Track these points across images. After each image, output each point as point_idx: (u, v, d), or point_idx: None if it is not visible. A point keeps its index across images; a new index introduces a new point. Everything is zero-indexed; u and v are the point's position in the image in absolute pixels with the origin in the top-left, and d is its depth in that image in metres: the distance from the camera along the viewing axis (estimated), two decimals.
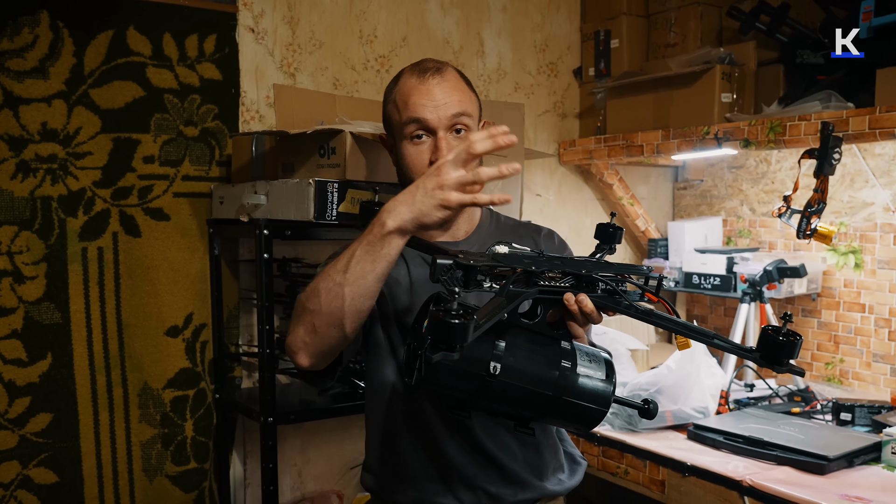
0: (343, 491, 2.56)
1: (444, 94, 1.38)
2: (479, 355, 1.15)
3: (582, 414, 1.23)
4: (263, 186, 2.07)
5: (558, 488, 1.51)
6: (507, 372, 1.16)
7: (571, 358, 1.22)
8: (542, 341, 1.22)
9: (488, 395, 1.18)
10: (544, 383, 1.19)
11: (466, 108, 1.40)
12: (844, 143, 2.15)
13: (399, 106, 1.41)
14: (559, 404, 1.20)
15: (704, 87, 2.56)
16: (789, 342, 1.11)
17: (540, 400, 1.20)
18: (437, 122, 1.38)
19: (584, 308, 1.20)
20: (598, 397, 1.22)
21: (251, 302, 2.43)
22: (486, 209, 1.57)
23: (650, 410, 1.25)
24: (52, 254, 2.14)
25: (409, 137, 1.40)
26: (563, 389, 1.20)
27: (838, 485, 1.88)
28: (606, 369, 1.24)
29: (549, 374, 1.19)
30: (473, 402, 1.21)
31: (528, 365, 1.19)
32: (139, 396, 2.25)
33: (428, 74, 1.40)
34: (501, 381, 1.16)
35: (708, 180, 3.24)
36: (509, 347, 1.17)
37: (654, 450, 2.18)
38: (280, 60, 2.48)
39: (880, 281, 2.64)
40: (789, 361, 1.13)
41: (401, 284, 1.46)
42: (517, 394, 1.19)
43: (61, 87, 2.13)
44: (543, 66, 3.03)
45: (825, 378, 2.81)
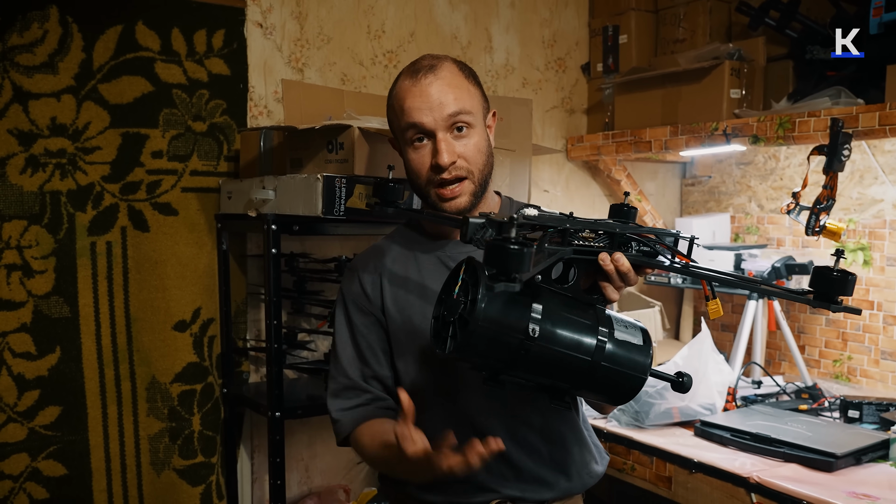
0: (350, 486, 2.57)
1: (439, 93, 1.34)
2: (516, 319, 1.09)
3: (620, 382, 1.17)
4: (271, 181, 2.08)
5: (575, 489, 1.48)
6: (544, 336, 1.10)
7: (608, 323, 1.16)
8: (578, 305, 1.17)
9: (525, 362, 1.12)
10: (583, 348, 1.13)
11: (464, 106, 1.35)
12: (854, 139, 2.14)
13: (397, 111, 1.38)
14: (597, 371, 1.15)
15: (713, 83, 2.55)
16: (843, 278, 1.07)
17: (578, 366, 1.14)
18: (433, 125, 1.34)
19: (620, 267, 1.15)
20: (636, 365, 1.17)
21: (259, 297, 2.44)
22: (507, 198, 1.55)
23: (684, 383, 1.20)
24: (60, 248, 2.15)
25: (410, 142, 1.37)
26: (601, 355, 1.14)
27: (846, 482, 1.87)
28: (643, 336, 1.19)
29: (587, 338, 1.14)
30: (509, 371, 1.15)
31: (566, 329, 1.13)
32: (147, 390, 2.26)
33: (420, 75, 1.36)
34: (539, 345, 1.10)
35: (716, 177, 3.23)
36: (546, 311, 1.11)
37: (661, 446, 2.18)
38: (288, 56, 2.48)
39: (889, 278, 2.63)
40: (843, 299, 1.09)
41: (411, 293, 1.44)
42: (555, 360, 1.13)
43: (70, 82, 2.13)
44: (551, 61, 3.03)
45: (833, 375, 2.80)
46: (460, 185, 1.36)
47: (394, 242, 1.51)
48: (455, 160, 1.35)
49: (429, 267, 1.44)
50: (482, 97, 1.42)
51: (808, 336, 2.87)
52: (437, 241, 1.47)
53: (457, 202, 1.37)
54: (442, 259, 1.45)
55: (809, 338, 2.87)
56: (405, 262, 1.47)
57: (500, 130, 2.26)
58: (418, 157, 1.37)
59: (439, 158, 1.33)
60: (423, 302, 1.42)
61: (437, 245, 1.47)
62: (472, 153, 1.37)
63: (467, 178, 1.37)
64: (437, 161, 1.34)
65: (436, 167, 1.34)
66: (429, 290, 1.42)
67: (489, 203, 1.49)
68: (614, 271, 1.16)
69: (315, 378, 2.42)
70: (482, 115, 1.41)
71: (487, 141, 1.41)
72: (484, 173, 1.39)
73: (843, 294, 1.07)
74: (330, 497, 2.42)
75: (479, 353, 1.12)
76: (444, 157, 1.33)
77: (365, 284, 1.46)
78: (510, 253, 0.98)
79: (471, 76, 1.41)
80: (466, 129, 1.36)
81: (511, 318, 1.09)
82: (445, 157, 1.33)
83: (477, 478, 1.40)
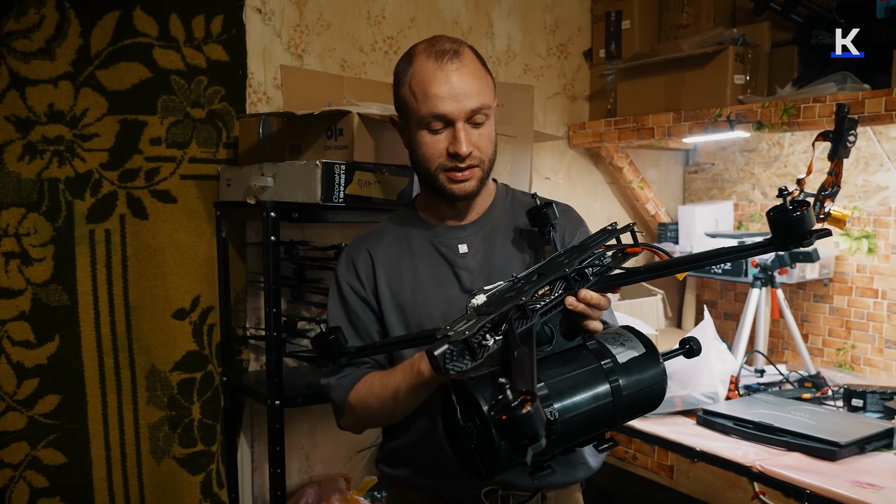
0: (350, 474, 2.56)
1: (464, 84, 1.35)
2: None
3: (648, 397, 1.18)
4: (270, 168, 2.06)
5: (569, 479, 1.49)
6: (563, 411, 1.09)
7: (606, 354, 1.16)
8: (572, 358, 1.16)
9: (558, 441, 1.10)
10: (601, 396, 1.13)
11: (485, 101, 1.38)
12: (860, 125, 2.12)
13: (417, 94, 1.38)
14: (624, 404, 1.15)
15: (717, 69, 2.52)
16: (801, 214, 1.00)
17: (606, 412, 1.14)
18: (456, 115, 1.36)
19: (590, 302, 1.16)
20: (653, 375, 1.17)
21: (258, 285, 2.43)
22: (503, 185, 1.57)
23: (693, 349, 1.20)
24: (59, 236, 2.13)
25: (426, 126, 1.38)
26: (620, 390, 1.14)
27: (849, 471, 1.86)
28: (641, 340, 1.19)
29: (600, 385, 1.13)
30: (551, 453, 1.13)
31: (578, 391, 1.12)
32: (147, 379, 2.25)
33: (446, 59, 1.36)
34: (563, 421, 1.09)
35: (719, 164, 3.21)
36: (550, 387, 1.10)
37: (663, 435, 2.17)
38: (287, 41, 2.45)
39: (893, 266, 2.61)
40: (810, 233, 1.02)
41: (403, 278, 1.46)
42: (585, 421, 1.12)
43: (68, 68, 2.11)
44: (553, 47, 3.00)
45: (837, 364, 2.78)
46: (471, 171, 1.40)
47: (390, 225, 1.53)
48: (471, 150, 1.38)
49: (421, 251, 1.47)
50: (493, 87, 1.44)
51: (812, 324, 2.85)
52: (432, 226, 1.49)
53: (466, 185, 1.41)
54: (434, 244, 1.47)
55: (813, 326, 2.85)
56: (399, 246, 1.49)
57: (502, 117, 2.24)
58: (434, 142, 1.39)
59: (459, 148, 1.36)
60: (414, 286, 1.44)
61: (431, 230, 1.49)
62: (484, 143, 1.40)
63: (478, 166, 1.41)
64: (456, 150, 1.37)
65: (455, 156, 1.37)
66: (420, 274, 1.45)
67: (488, 189, 1.51)
68: (587, 308, 1.16)
69: (315, 366, 2.40)
70: (493, 105, 1.44)
71: (495, 130, 1.44)
72: (492, 161, 1.43)
73: (805, 228, 1.01)
74: (330, 485, 2.41)
75: (515, 464, 1.09)
76: (464, 147, 1.36)
77: (359, 267, 1.48)
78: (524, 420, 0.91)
79: (485, 65, 1.44)
80: (484, 120, 1.39)
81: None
82: (465, 147, 1.37)
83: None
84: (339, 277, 1.50)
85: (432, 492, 1.47)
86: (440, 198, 1.45)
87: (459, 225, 1.48)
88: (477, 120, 1.38)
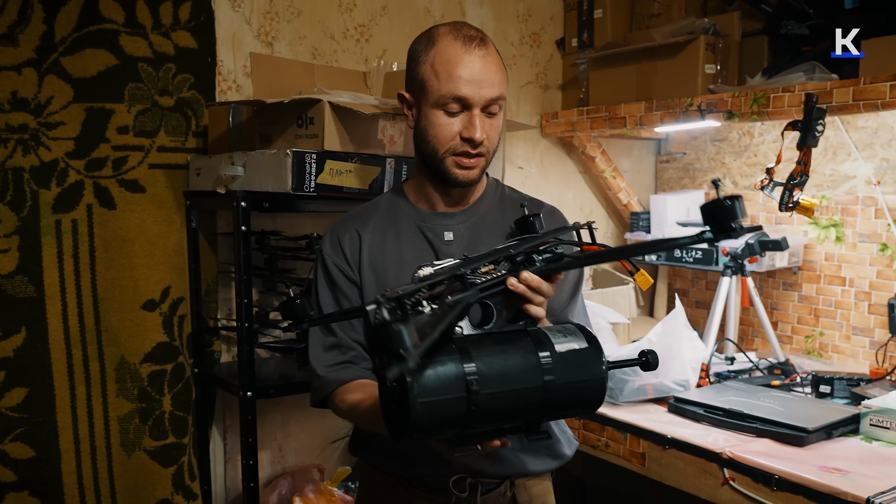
0: (324, 465, 2.55)
1: (487, 71, 1.37)
2: (452, 380, 1.07)
3: (583, 391, 1.16)
4: (241, 157, 2.04)
5: (539, 468, 1.50)
6: (487, 381, 1.08)
7: (545, 341, 1.15)
8: (509, 338, 1.15)
9: (481, 414, 1.09)
10: (531, 377, 1.12)
11: (502, 91, 1.41)
12: (828, 115, 2.14)
13: (440, 73, 1.38)
14: (555, 392, 1.12)
15: (688, 59, 2.53)
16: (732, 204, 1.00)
17: (535, 396, 1.12)
18: (476, 101, 1.37)
19: (530, 284, 1.16)
20: (590, 368, 1.15)
21: (229, 275, 2.40)
22: (493, 179, 1.58)
23: (649, 362, 1.19)
24: (24, 226, 2.09)
25: (442, 107, 1.39)
26: (551, 374, 1.12)
27: (817, 456, 1.89)
28: (586, 337, 1.17)
29: (531, 366, 1.12)
30: (473, 430, 1.12)
31: (506, 365, 1.11)
32: (116, 371, 2.22)
33: (473, 44, 1.38)
34: (487, 395, 1.08)
35: (690, 153, 3.23)
36: (479, 358, 1.09)
37: (635, 423, 2.18)
38: (257, 29, 2.42)
39: (861, 254, 2.65)
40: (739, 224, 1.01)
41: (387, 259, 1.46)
42: (509, 400, 1.10)
43: (31, 54, 2.07)
44: (526, 36, 2.99)
45: (805, 351, 2.82)
46: (478, 160, 1.42)
47: (378, 207, 1.53)
48: (484, 138, 1.40)
49: (408, 235, 1.48)
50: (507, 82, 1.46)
51: (781, 312, 2.89)
52: (420, 211, 1.50)
53: (471, 172, 1.42)
54: (422, 229, 1.48)
55: (782, 314, 2.88)
56: (385, 229, 1.49)
57: None
58: (448, 124, 1.39)
59: (474, 133, 1.37)
60: (399, 269, 1.45)
61: (419, 214, 1.49)
62: (494, 134, 1.43)
63: (485, 156, 1.43)
64: (471, 135, 1.38)
65: (469, 140, 1.39)
66: (405, 258, 1.45)
67: (481, 181, 1.53)
68: (528, 290, 1.17)
69: (287, 357, 2.39)
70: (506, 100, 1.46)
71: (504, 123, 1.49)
72: (494, 153, 1.46)
73: (735, 218, 1.00)
74: (304, 476, 2.40)
75: (434, 427, 1.09)
76: (479, 133, 1.38)
77: (345, 246, 1.48)
78: (390, 335, 0.97)
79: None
80: (498, 111, 1.41)
81: (447, 384, 1.07)
82: (480, 133, 1.38)
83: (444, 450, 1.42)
84: (325, 257, 1.49)
85: (402, 477, 1.48)
86: (439, 182, 1.46)
87: (448, 212, 1.49)
88: (492, 110, 1.40)
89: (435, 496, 1.47)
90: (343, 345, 1.46)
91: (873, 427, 2.01)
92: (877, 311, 2.61)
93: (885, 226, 2.57)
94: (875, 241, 2.61)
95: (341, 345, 1.46)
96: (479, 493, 1.45)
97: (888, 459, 1.87)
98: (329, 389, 1.44)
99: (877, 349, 2.58)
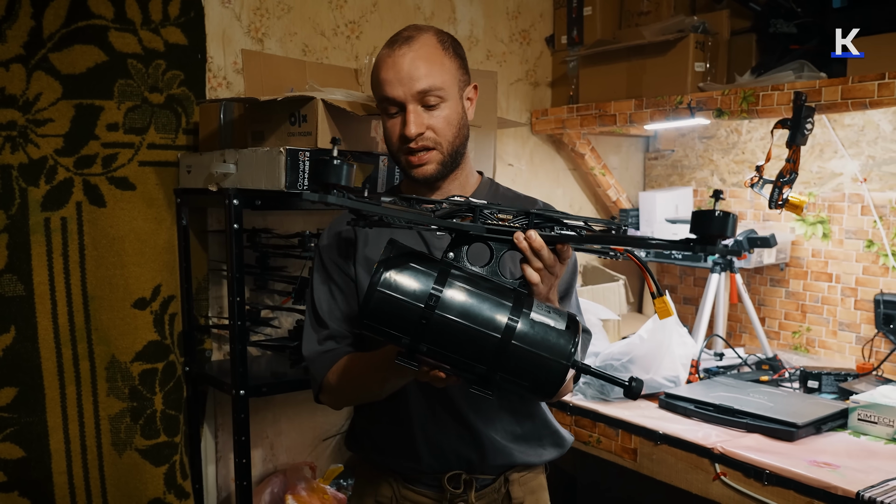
0: (316, 463, 2.55)
1: (410, 67, 1.38)
2: (416, 288, 1.12)
3: (538, 365, 1.12)
4: (233, 155, 2.03)
5: (534, 459, 1.52)
6: (448, 306, 1.11)
7: (526, 304, 1.15)
8: (494, 286, 1.16)
9: (431, 334, 1.11)
10: (490, 324, 1.12)
11: (434, 83, 1.38)
12: (817, 113, 2.16)
13: (373, 80, 1.44)
14: (508, 350, 1.11)
15: (678, 56, 2.55)
16: (723, 218, 1.02)
17: (486, 343, 1.11)
18: (403, 98, 1.39)
19: (532, 244, 1.17)
20: (554, 348, 1.13)
21: (220, 273, 2.39)
22: (488, 178, 1.58)
23: (632, 389, 1.17)
24: (13, 224, 2.07)
25: (385, 111, 1.43)
26: (512, 332, 1.11)
27: (807, 451, 1.91)
28: (568, 322, 1.16)
29: (496, 314, 1.12)
30: (418, 346, 1.13)
31: (473, 303, 1.12)
32: (107, 370, 2.20)
33: (396, 46, 1.40)
34: (441, 315, 1.11)
35: (679, 150, 3.25)
36: (454, 285, 1.13)
37: (626, 419, 2.20)
38: (247, 25, 2.41)
39: (847, 251, 2.68)
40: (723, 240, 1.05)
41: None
42: (460, 333, 1.11)
43: (19, 50, 2.04)
44: (516, 33, 3.00)
45: (792, 346, 2.85)
46: (428, 154, 1.41)
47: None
48: (423, 131, 1.39)
49: (402, 231, 1.45)
50: (459, 70, 1.44)
51: (769, 308, 2.91)
52: None
53: (424, 169, 1.42)
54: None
55: (770, 310, 2.91)
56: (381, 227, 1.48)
57: None
58: (391, 126, 1.42)
59: (406, 130, 1.39)
60: None
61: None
62: (441, 125, 1.40)
63: (435, 148, 1.41)
64: (403, 132, 1.39)
65: (403, 138, 1.40)
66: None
67: (468, 180, 1.52)
68: (528, 249, 1.18)
69: (279, 355, 2.39)
70: (457, 89, 1.43)
71: (461, 114, 1.44)
72: (454, 145, 1.43)
73: (721, 234, 1.03)
74: (296, 474, 2.39)
75: (386, 323, 1.13)
76: (411, 129, 1.38)
77: (341, 243, 1.49)
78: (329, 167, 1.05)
79: (450, 48, 1.43)
80: (437, 101, 1.39)
81: (410, 290, 1.11)
82: (412, 129, 1.38)
83: (434, 438, 1.45)
84: (321, 252, 1.51)
85: (397, 473, 1.50)
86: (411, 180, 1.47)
87: None
88: (429, 101, 1.39)
89: (430, 492, 1.48)
90: (336, 335, 1.47)
91: (861, 422, 2.04)
92: (863, 306, 2.64)
93: (872, 222, 2.60)
94: (861, 238, 2.63)
95: (335, 336, 1.47)
96: (474, 490, 1.47)
97: (876, 454, 1.90)
98: (324, 371, 1.45)
99: (863, 345, 2.61)
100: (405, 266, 1.13)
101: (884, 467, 1.80)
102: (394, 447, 1.48)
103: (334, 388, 1.46)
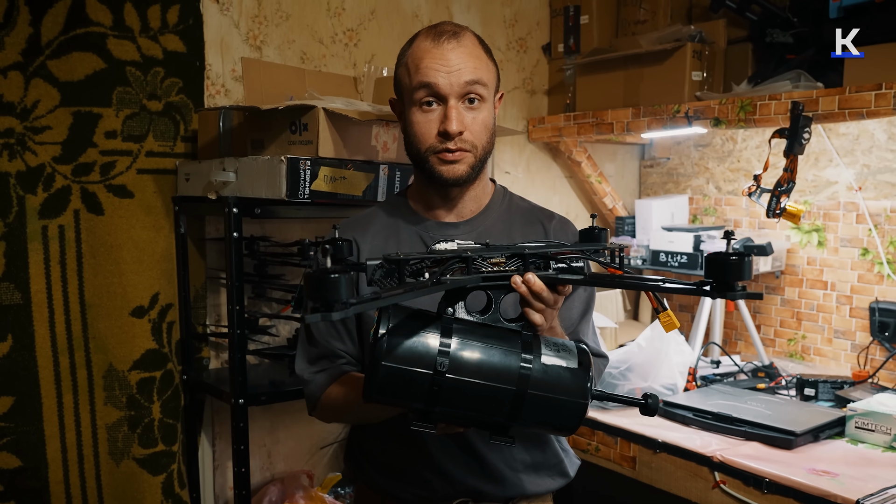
0: (313, 471, 2.54)
1: (458, 59, 1.32)
2: (422, 354, 1.06)
3: (557, 409, 1.11)
4: (232, 163, 2.02)
5: (541, 489, 1.48)
6: (458, 367, 1.07)
7: (534, 348, 1.11)
8: (498, 334, 1.13)
9: (444, 398, 1.07)
10: (504, 376, 1.08)
11: (482, 77, 1.34)
12: (814, 122, 2.17)
13: (410, 69, 1.35)
14: (527, 400, 1.09)
15: (675, 65, 2.56)
16: (739, 262, 0.99)
17: (504, 397, 1.08)
18: (448, 89, 1.32)
19: (531, 287, 1.13)
20: (571, 389, 1.11)
21: (218, 281, 2.39)
22: (501, 187, 1.53)
23: (649, 406, 1.14)
24: (10, 232, 2.06)
25: (419, 103, 1.34)
26: (527, 381, 1.09)
27: (805, 459, 1.92)
28: (579, 356, 1.14)
29: (508, 366, 1.09)
30: (432, 410, 1.10)
31: (482, 357, 1.08)
32: (104, 378, 2.19)
33: (444, 38, 1.33)
34: (452, 378, 1.06)
35: (674, 158, 3.26)
36: (459, 342, 1.08)
37: (625, 426, 2.20)
38: (246, 33, 2.41)
39: (842, 259, 2.69)
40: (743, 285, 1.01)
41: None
42: (475, 393, 1.08)
43: (17, 58, 2.03)
44: (513, 41, 3.01)
45: (788, 354, 2.86)
46: (462, 154, 1.35)
47: (379, 214, 1.49)
48: (462, 131, 1.33)
49: (408, 243, 1.42)
50: (497, 75, 1.40)
51: (764, 315, 2.93)
52: (422, 219, 1.45)
53: (456, 168, 1.35)
54: (422, 237, 1.43)
55: (765, 317, 2.92)
56: (386, 235, 1.44)
57: None
58: (425, 121, 1.35)
59: (449, 125, 1.31)
60: None
61: (422, 223, 1.45)
62: (478, 128, 1.35)
63: (470, 151, 1.35)
64: (445, 127, 1.32)
65: (444, 133, 1.33)
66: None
67: (484, 189, 1.47)
68: (528, 293, 1.13)
69: (277, 363, 2.38)
70: (493, 91, 1.39)
71: (493, 119, 1.39)
72: (486, 150, 1.38)
73: (740, 278, 1.00)
74: (293, 483, 2.39)
75: (396, 395, 1.09)
76: (454, 125, 1.32)
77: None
78: (326, 283, 0.93)
79: (488, 52, 1.39)
80: (478, 101, 1.34)
81: (416, 357, 1.06)
82: (455, 125, 1.32)
83: (441, 466, 1.40)
84: None
85: (401, 500, 1.44)
86: (432, 185, 1.40)
87: (452, 223, 1.44)
88: (472, 96, 1.33)
89: None
90: (333, 355, 1.43)
91: (858, 430, 2.05)
92: (858, 314, 2.65)
93: (867, 231, 2.61)
94: (856, 246, 2.65)
95: (331, 355, 1.43)
96: None
97: (874, 461, 1.91)
98: (318, 393, 1.42)
99: (858, 352, 2.63)
100: (407, 332, 1.07)
101: (882, 475, 1.81)
102: (398, 473, 1.43)
103: (330, 411, 1.43)
